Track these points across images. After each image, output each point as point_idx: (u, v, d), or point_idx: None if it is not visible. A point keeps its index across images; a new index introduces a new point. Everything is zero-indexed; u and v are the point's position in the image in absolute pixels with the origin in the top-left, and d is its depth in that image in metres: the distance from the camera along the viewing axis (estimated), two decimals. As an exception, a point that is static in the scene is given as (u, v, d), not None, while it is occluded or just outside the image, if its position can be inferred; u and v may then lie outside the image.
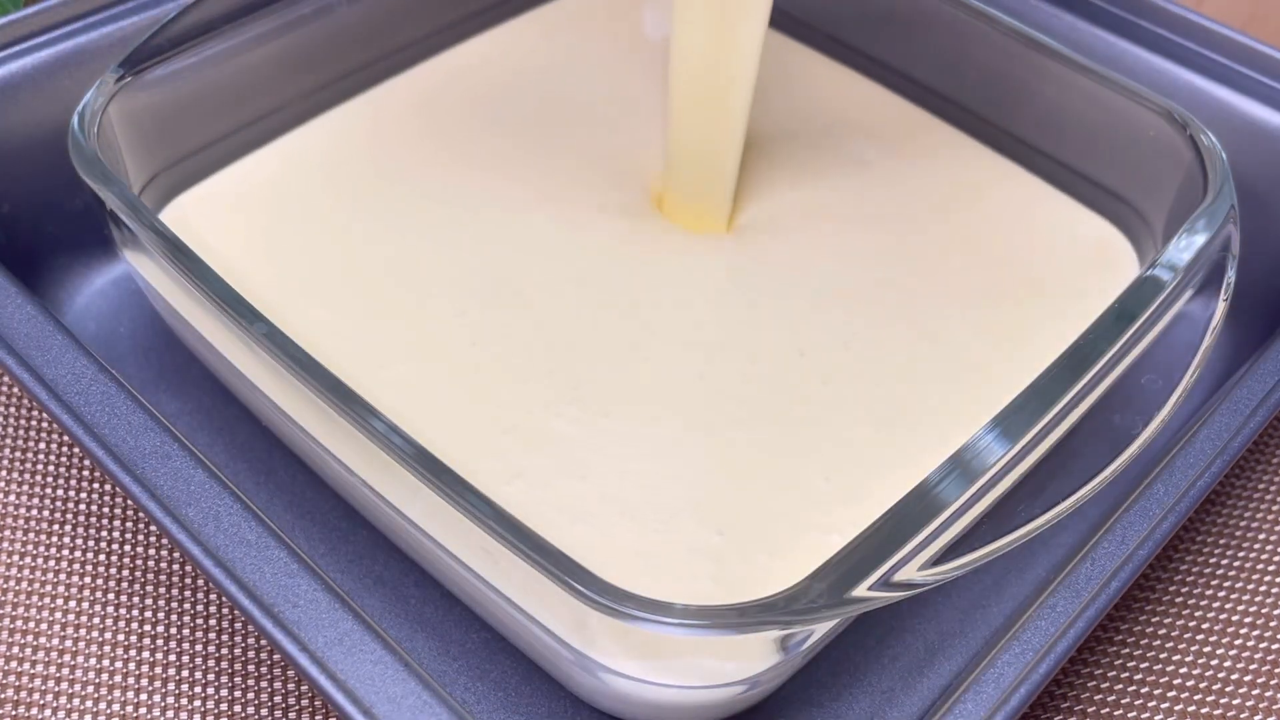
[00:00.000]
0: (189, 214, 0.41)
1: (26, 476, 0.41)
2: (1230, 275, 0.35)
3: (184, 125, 0.42)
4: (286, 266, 0.40)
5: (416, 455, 0.29)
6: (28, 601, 0.38)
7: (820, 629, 0.30)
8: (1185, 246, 0.35)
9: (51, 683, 0.36)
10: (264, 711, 0.36)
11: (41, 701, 0.36)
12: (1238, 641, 0.39)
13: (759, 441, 0.36)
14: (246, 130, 0.44)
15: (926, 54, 0.47)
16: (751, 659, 0.29)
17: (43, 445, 0.42)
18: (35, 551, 0.39)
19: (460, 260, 0.40)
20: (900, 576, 0.28)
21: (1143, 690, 0.38)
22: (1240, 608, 0.39)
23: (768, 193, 0.44)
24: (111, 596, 0.38)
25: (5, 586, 0.38)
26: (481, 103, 0.47)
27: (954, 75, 0.47)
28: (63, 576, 0.39)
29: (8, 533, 0.39)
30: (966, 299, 0.40)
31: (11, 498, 0.40)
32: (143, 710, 0.36)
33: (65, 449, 0.42)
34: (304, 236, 0.41)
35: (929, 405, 0.37)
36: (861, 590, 0.27)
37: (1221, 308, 0.34)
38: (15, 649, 0.37)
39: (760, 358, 0.38)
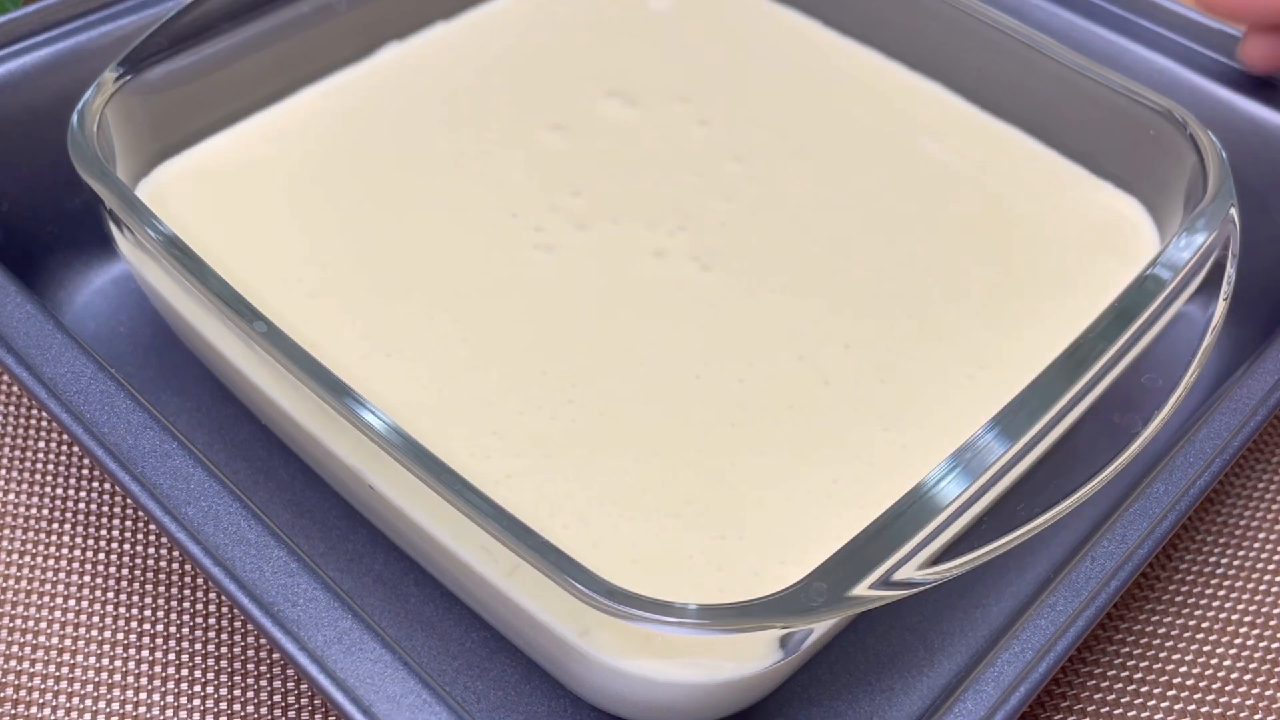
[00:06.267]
0: (164, 188, 0.41)
1: (26, 476, 0.41)
2: (1230, 274, 0.35)
3: (182, 124, 0.42)
4: (263, 247, 0.40)
5: (417, 453, 0.29)
6: (27, 600, 0.38)
7: (821, 628, 0.30)
8: (1185, 245, 0.35)
9: (51, 682, 0.36)
10: (264, 711, 0.36)
11: (41, 701, 0.36)
12: (1238, 641, 0.39)
13: (761, 443, 0.35)
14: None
15: (927, 49, 0.47)
16: (751, 658, 0.29)
17: (43, 445, 0.42)
18: (35, 550, 0.39)
19: (445, 253, 0.40)
20: (900, 575, 0.28)
21: (1143, 690, 0.38)
22: (1240, 607, 0.39)
23: (765, 174, 0.44)
24: (111, 595, 0.38)
25: (5, 585, 0.38)
26: (467, 82, 0.47)
27: (953, 73, 0.47)
28: (63, 575, 0.39)
29: (8, 532, 0.39)
30: (973, 286, 0.40)
31: (11, 497, 0.40)
32: (143, 710, 0.36)
33: (65, 448, 0.42)
34: (284, 217, 0.41)
35: (938, 402, 0.37)
36: (862, 589, 0.27)
37: (1222, 306, 0.34)
38: (15, 648, 0.37)
39: (758, 360, 0.38)
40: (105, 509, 0.40)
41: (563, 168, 0.43)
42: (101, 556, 0.39)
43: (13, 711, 0.36)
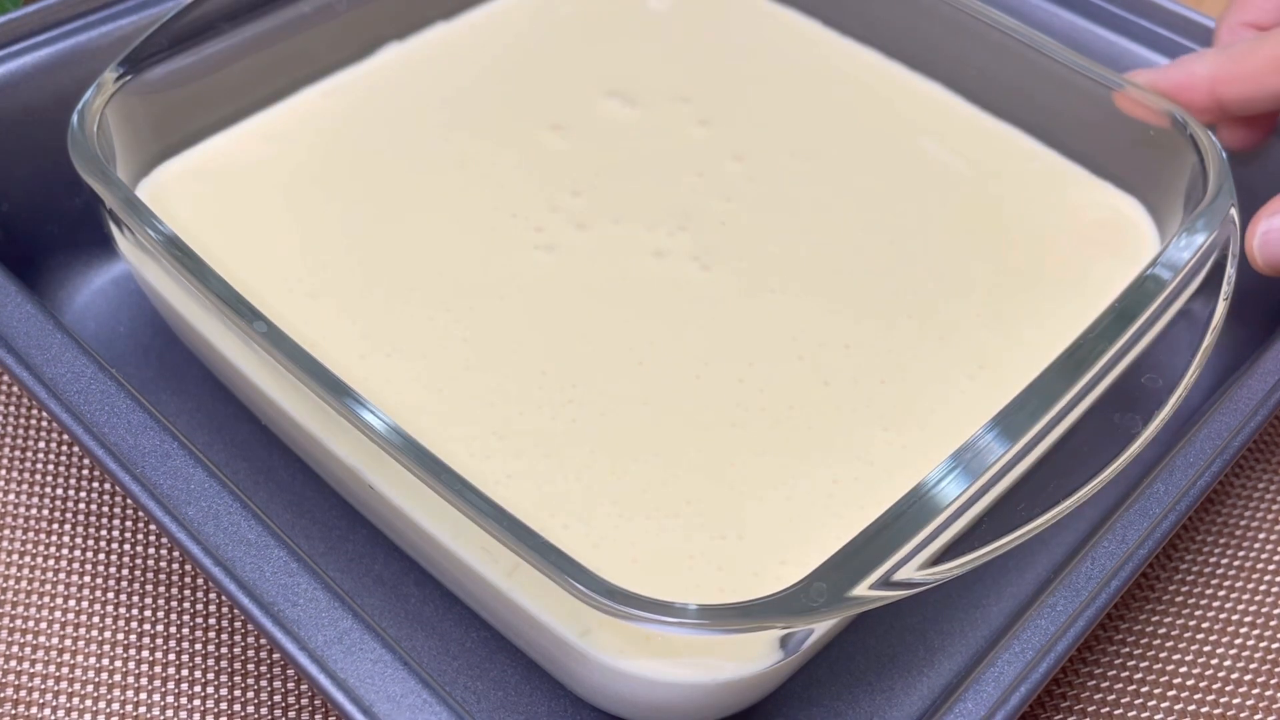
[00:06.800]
0: (164, 188, 0.41)
1: (26, 476, 0.41)
2: (1230, 274, 0.35)
3: (182, 124, 0.42)
4: (262, 247, 0.40)
5: (417, 453, 0.29)
6: (27, 600, 0.38)
7: (821, 628, 0.30)
8: (1185, 245, 0.35)
9: (51, 682, 0.36)
10: (264, 710, 0.36)
11: (41, 701, 0.36)
12: (1238, 641, 0.39)
13: (761, 443, 0.35)
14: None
15: (927, 49, 0.47)
16: (751, 658, 0.29)
17: (42, 445, 0.42)
18: (35, 550, 0.39)
19: (446, 253, 0.40)
20: (900, 576, 0.28)
21: (1143, 690, 0.38)
22: (1240, 607, 0.39)
23: (765, 174, 0.44)
24: (111, 595, 0.38)
25: (5, 585, 0.38)
26: (467, 82, 0.47)
27: (954, 73, 0.47)
28: (63, 575, 0.39)
29: (8, 532, 0.39)
30: (974, 284, 0.40)
31: (11, 497, 0.40)
32: (143, 710, 0.36)
33: (65, 448, 0.42)
34: (284, 218, 0.41)
35: (939, 403, 0.37)
36: (862, 589, 0.27)
37: (1222, 306, 0.34)
38: (15, 648, 0.37)
39: (758, 360, 0.38)
40: (105, 509, 0.40)
41: (563, 168, 0.43)
42: (101, 556, 0.39)
43: (13, 711, 0.36)
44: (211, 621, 0.38)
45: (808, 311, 0.39)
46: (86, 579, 0.39)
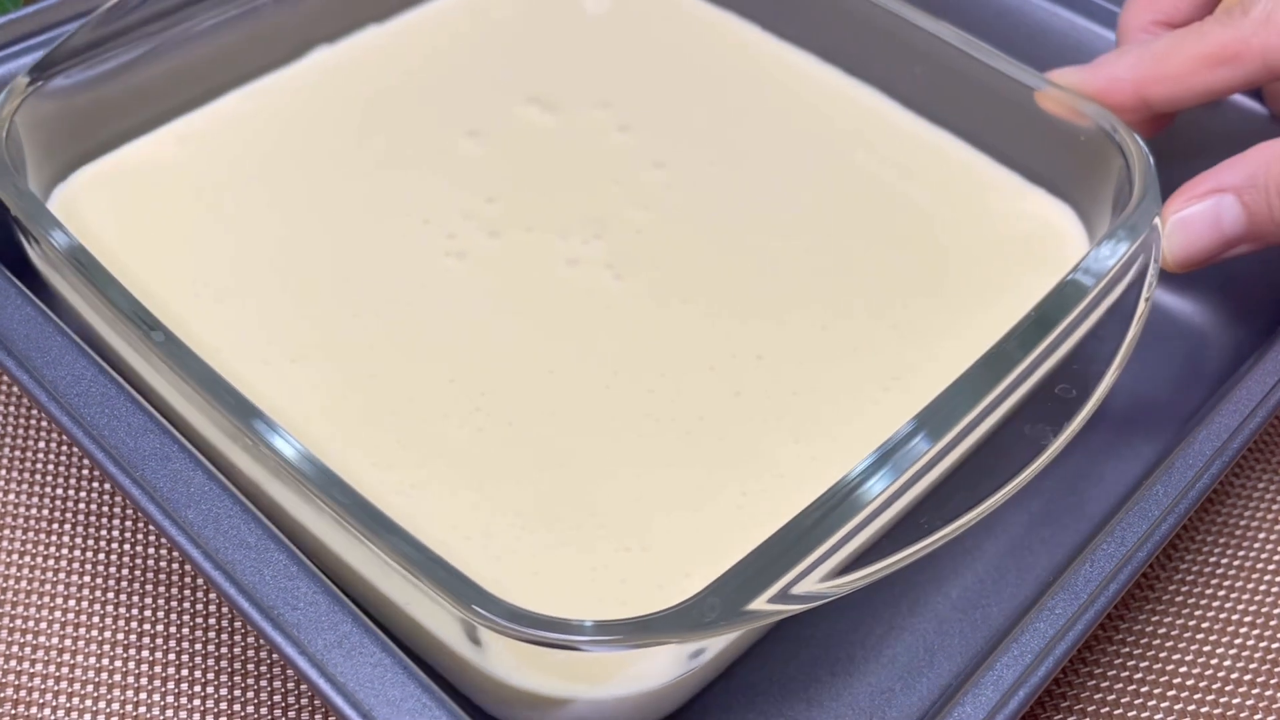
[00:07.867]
0: (79, 195, 0.41)
1: (26, 476, 0.41)
2: (1152, 279, 0.35)
3: (98, 129, 0.42)
4: (173, 252, 0.39)
5: (300, 461, 0.29)
6: (27, 600, 0.38)
7: (720, 642, 0.30)
8: (1109, 253, 0.35)
9: (51, 682, 0.37)
10: (264, 711, 0.36)
11: (41, 701, 0.36)
12: (1238, 641, 0.39)
13: (670, 455, 0.35)
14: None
15: (860, 54, 0.47)
16: (656, 671, 0.29)
17: (42, 445, 0.42)
18: (35, 551, 0.39)
19: (356, 259, 0.40)
20: (801, 589, 0.28)
21: (1143, 690, 0.38)
22: (1240, 607, 0.39)
23: (684, 182, 0.44)
24: (111, 595, 0.38)
25: (5, 586, 0.38)
26: (389, 86, 0.46)
27: (886, 78, 0.47)
28: (62, 575, 0.39)
29: (8, 532, 0.39)
30: (893, 296, 0.40)
31: (11, 497, 0.40)
32: (143, 710, 0.36)
33: (65, 448, 0.42)
34: (195, 222, 0.41)
35: (852, 415, 0.36)
36: (760, 604, 0.27)
37: (1139, 323, 0.34)
38: (15, 648, 0.37)
39: (669, 370, 0.37)
40: (105, 509, 0.40)
41: (477, 174, 0.43)
42: (101, 556, 0.39)
43: (13, 712, 0.36)
44: (211, 622, 0.38)
45: (722, 322, 0.39)
46: (86, 579, 0.39)
